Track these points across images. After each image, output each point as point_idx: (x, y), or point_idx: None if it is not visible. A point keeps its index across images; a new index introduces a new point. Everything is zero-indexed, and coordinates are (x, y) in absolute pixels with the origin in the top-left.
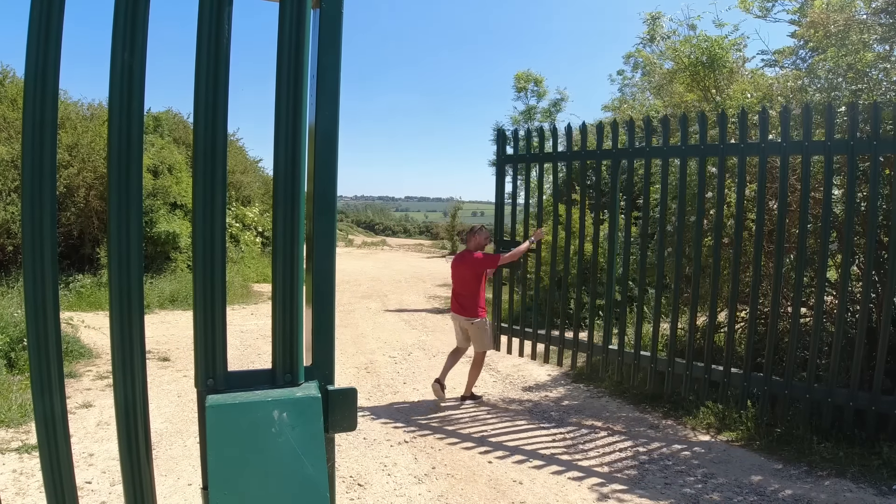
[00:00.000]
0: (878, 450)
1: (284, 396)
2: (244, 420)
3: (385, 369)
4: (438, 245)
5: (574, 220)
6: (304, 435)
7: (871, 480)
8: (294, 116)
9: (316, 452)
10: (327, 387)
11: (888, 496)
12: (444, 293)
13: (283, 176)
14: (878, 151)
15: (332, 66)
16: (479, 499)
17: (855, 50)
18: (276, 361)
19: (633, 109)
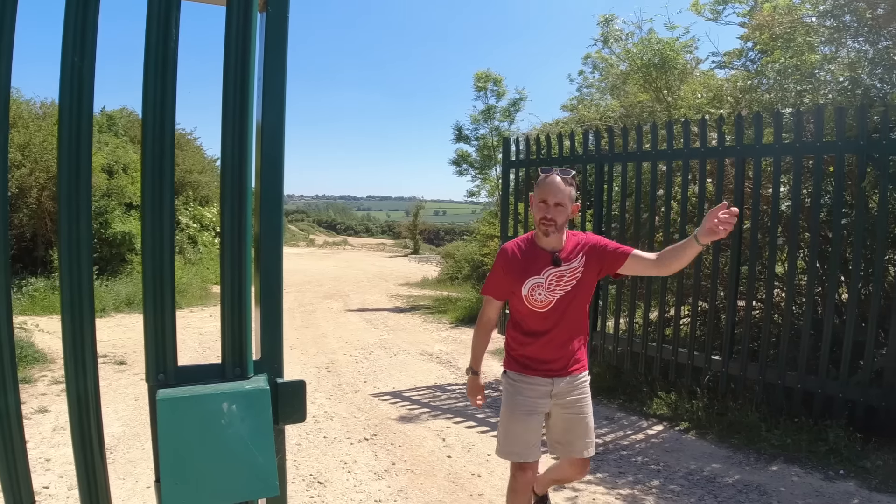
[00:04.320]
0: (825, 436)
1: (233, 389)
2: (194, 412)
3: (346, 368)
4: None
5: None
6: (253, 426)
7: (818, 466)
8: (241, 117)
9: (265, 443)
10: (276, 380)
11: (834, 480)
12: (407, 292)
13: (230, 174)
14: (821, 152)
15: (279, 68)
16: (438, 492)
17: (800, 52)
18: (225, 356)
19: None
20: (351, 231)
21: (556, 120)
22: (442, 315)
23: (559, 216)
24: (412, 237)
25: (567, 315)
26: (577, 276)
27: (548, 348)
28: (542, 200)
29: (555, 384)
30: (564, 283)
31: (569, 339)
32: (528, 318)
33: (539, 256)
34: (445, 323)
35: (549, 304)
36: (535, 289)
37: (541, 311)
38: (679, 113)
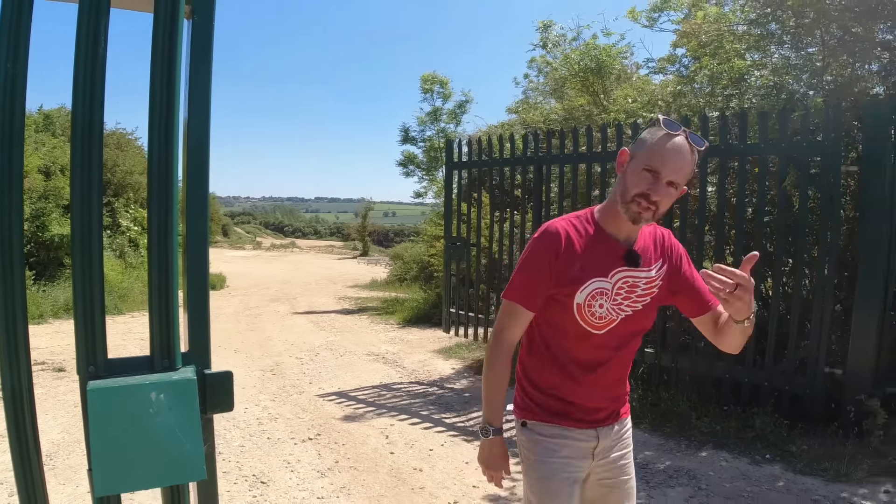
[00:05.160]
0: (752, 423)
1: (162, 380)
2: (124, 402)
3: (291, 370)
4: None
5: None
6: (180, 415)
7: (746, 451)
8: (167, 121)
9: (193, 431)
10: (204, 371)
11: (761, 464)
12: (355, 294)
13: (157, 174)
14: (745, 154)
15: (204, 73)
16: (381, 487)
17: (728, 58)
18: (153, 348)
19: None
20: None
21: (502, 122)
22: (390, 316)
23: (665, 201)
24: (361, 239)
25: (629, 346)
26: (653, 290)
27: (596, 390)
28: (649, 168)
29: (600, 438)
30: (637, 297)
31: (621, 378)
32: (575, 342)
33: (608, 248)
34: (393, 324)
35: (610, 323)
36: (598, 296)
37: (597, 332)
38: (613, 117)
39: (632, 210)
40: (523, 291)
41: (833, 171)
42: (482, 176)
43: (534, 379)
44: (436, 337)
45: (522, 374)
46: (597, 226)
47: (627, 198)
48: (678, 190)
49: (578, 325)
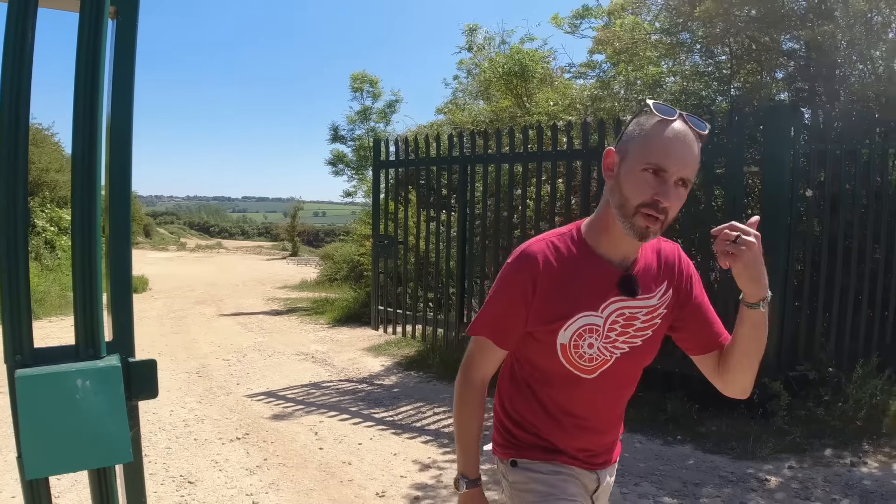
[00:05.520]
0: (665, 407)
1: (87, 367)
2: (51, 389)
3: (218, 372)
4: (279, 247)
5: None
6: (106, 400)
7: (659, 433)
8: (90, 119)
9: (118, 415)
10: (128, 359)
11: (673, 445)
12: (284, 295)
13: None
14: None
15: (127, 73)
16: (310, 482)
17: (642, 65)
18: (78, 338)
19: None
20: (226, 234)
21: (431, 122)
22: (319, 316)
23: (676, 206)
24: (290, 239)
25: (622, 388)
26: (656, 322)
27: (590, 438)
28: (650, 167)
29: (600, 479)
30: (636, 332)
31: (614, 422)
32: (561, 388)
33: (598, 273)
34: (323, 323)
35: (602, 364)
36: (586, 335)
37: (587, 376)
38: (535, 119)
39: (637, 226)
40: (494, 327)
41: (737, 172)
42: (410, 175)
43: (515, 417)
44: (366, 335)
45: (501, 407)
46: (584, 246)
47: (629, 211)
48: (687, 188)
49: (563, 368)
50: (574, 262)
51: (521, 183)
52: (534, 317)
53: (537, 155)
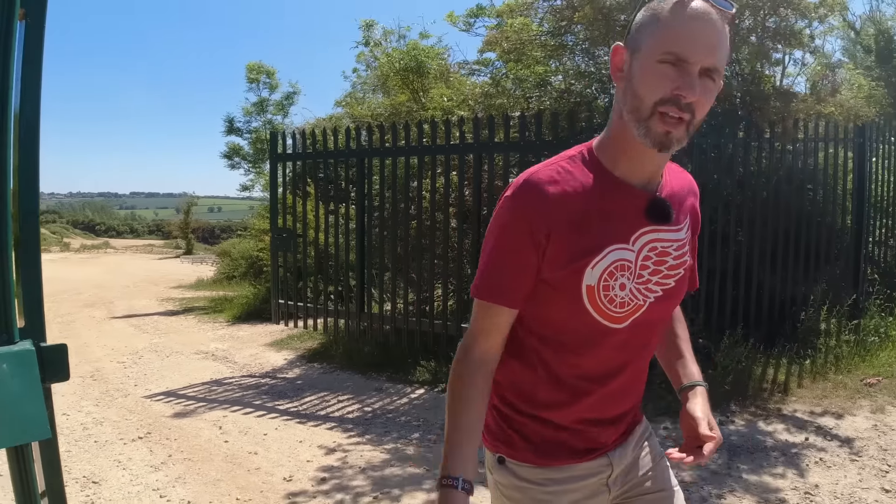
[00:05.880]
0: None
1: (4, 351)
2: None
3: (114, 375)
4: (172, 245)
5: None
6: (22, 382)
7: None
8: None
9: (35, 396)
10: (40, 344)
11: None
12: (180, 295)
13: None
14: (540, 149)
15: (35, 73)
16: (217, 473)
17: (529, 64)
18: None
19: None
20: (113, 232)
21: (330, 115)
22: (218, 314)
23: (704, 102)
24: (184, 237)
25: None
26: (685, 260)
27: (610, 403)
28: (669, 56)
29: (614, 464)
30: (668, 270)
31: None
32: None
33: (622, 199)
34: (222, 322)
35: (635, 311)
36: (617, 272)
37: (618, 326)
38: (430, 114)
39: (655, 129)
40: (500, 281)
41: None
42: (307, 168)
43: (515, 394)
44: (267, 331)
45: (497, 385)
46: (600, 168)
47: (645, 111)
48: (717, 82)
49: (588, 318)
50: (593, 186)
51: (417, 175)
52: (550, 261)
53: (432, 148)
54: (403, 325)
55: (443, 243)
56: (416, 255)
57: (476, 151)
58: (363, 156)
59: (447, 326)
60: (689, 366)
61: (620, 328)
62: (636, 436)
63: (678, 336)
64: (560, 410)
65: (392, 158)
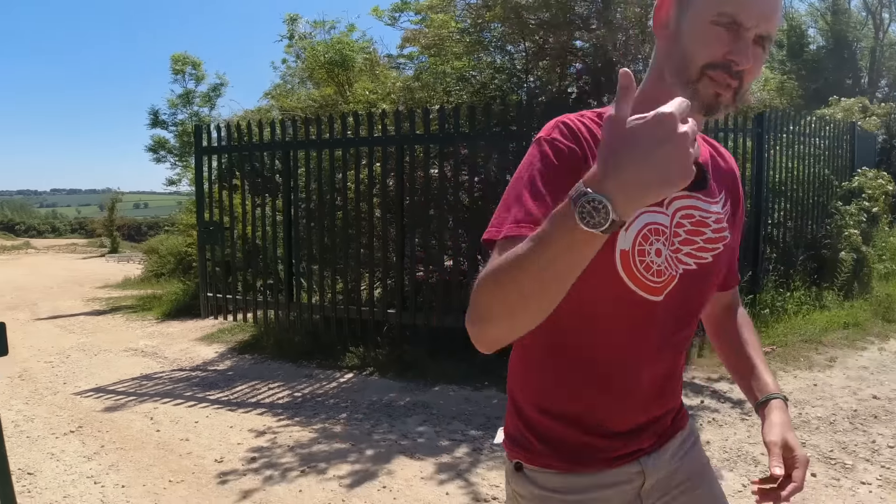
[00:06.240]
0: (476, 362)
1: None
2: None
3: (42, 374)
4: (96, 244)
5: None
6: None
7: (470, 382)
8: None
9: None
10: None
11: (481, 390)
12: (106, 294)
13: None
14: (458, 141)
15: None
16: (150, 459)
17: (448, 59)
18: None
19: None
20: (34, 232)
21: (258, 107)
22: (147, 312)
23: (754, 70)
24: (109, 234)
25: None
26: (725, 236)
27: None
28: (723, 17)
29: (647, 473)
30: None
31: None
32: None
33: None
34: (151, 319)
35: (669, 282)
36: (652, 236)
37: (652, 297)
38: (353, 107)
39: (704, 92)
40: (529, 217)
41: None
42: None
43: (533, 392)
44: (198, 327)
45: (514, 385)
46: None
47: (693, 74)
48: (767, 50)
49: (622, 288)
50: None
51: (342, 167)
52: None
53: (356, 140)
54: (332, 314)
55: (368, 233)
56: (343, 245)
57: (398, 143)
58: (289, 148)
59: (374, 313)
60: (762, 377)
61: (657, 301)
62: (676, 443)
63: (746, 342)
64: (586, 407)
65: (317, 150)
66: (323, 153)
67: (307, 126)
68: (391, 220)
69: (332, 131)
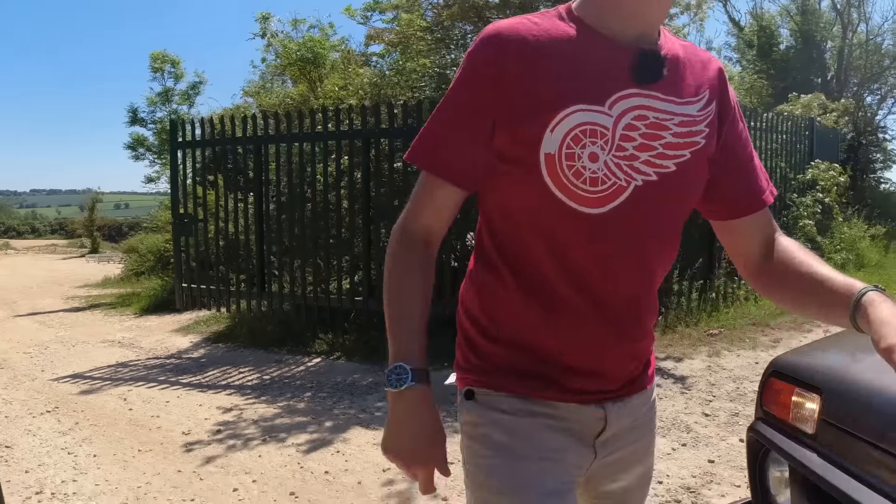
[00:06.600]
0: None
1: None
2: None
3: (21, 364)
4: (76, 244)
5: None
6: None
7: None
8: None
9: None
10: None
11: (440, 370)
12: (86, 293)
13: None
14: None
15: None
16: (121, 433)
17: (413, 57)
18: None
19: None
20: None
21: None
22: (126, 308)
23: None
24: (89, 235)
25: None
26: (697, 141)
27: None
28: None
29: (609, 418)
30: (665, 148)
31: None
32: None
33: (602, 53)
34: (129, 314)
35: (616, 193)
36: (585, 138)
37: (589, 210)
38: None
39: None
40: (438, 144)
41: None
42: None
43: (484, 314)
44: (175, 320)
45: (464, 312)
46: (579, 24)
47: None
48: None
49: (550, 198)
50: (564, 38)
51: (311, 161)
52: (504, 119)
53: (324, 135)
54: (302, 302)
55: (337, 224)
56: (313, 236)
57: (364, 137)
58: (260, 143)
59: (342, 301)
60: (839, 280)
61: (596, 214)
62: (641, 400)
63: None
64: (538, 331)
65: (287, 145)
66: (293, 147)
67: (277, 121)
68: (359, 212)
69: (302, 126)
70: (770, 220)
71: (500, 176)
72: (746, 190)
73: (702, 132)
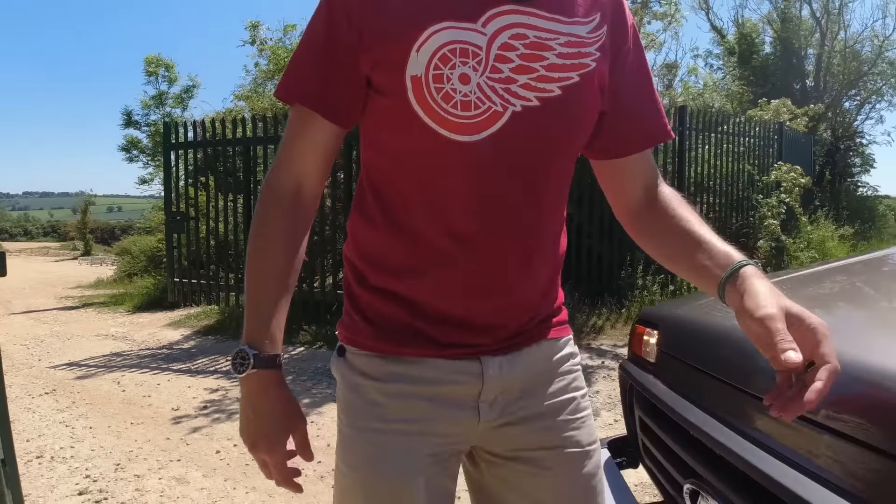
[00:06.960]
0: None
1: None
2: None
3: (18, 354)
4: (69, 247)
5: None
6: None
7: None
8: None
9: None
10: None
11: None
12: (79, 293)
13: None
14: None
15: None
16: (115, 410)
17: None
18: None
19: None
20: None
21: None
22: (118, 306)
23: None
24: (82, 237)
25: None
26: (586, 64)
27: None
28: None
29: (487, 375)
30: (548, 71)
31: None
32: (415, 174)
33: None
34: (122, 312)
35: (490, 120)
36: (455, 58)
37: (460, 137)
38: None
39: None
40: (305, 76)
41: None
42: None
43: (361, 260)
44: (167, 316)
45: (346, 257)
46: None
47: None
48: None
49: (423, 130)
50: None
51: None
52: (367, 38)
53: None
54: None
55: (320, 222)
56: None
57: (346, 139)
58: (249, 144)
59: (325, 295)
60: (717, 248)
61: (469, 142)
62: (539, 355)
63: (684, 219)
64: (410, 280)
65: (275, 146)
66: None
67: (266, 124)
68: (341, 210)
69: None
70: (654, 165)
71: (371, 108)
72: (641, 125)
73: (592, 55)
